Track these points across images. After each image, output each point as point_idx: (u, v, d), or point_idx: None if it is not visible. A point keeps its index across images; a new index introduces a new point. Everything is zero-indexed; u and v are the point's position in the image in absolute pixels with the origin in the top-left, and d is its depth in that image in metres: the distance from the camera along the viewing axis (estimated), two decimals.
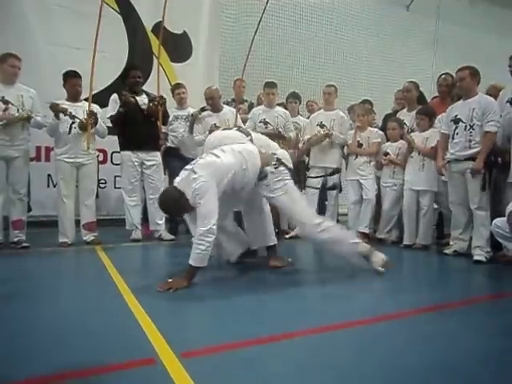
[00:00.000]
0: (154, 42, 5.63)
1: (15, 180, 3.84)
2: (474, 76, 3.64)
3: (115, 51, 5.26)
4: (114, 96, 4.28)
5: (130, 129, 4.21)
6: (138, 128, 4.20)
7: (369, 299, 2.50)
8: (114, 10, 5.45)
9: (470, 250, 3.68)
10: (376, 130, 4.69)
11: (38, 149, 5.02)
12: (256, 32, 4.38)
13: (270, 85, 4.75)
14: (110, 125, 4.36)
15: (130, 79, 4.29)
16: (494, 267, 3.47)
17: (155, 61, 5.49)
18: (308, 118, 5.18)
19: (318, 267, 3.73)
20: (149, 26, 5.65)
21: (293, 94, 5.36)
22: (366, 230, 4.41)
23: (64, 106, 3.91)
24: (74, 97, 4.06)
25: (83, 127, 3.96)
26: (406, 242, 4.23)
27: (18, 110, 3.79)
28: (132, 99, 4.21)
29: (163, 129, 4.73)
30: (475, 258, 3.55)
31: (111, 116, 4.23)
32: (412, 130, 4.40)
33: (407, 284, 2.86)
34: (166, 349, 1.68)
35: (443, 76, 4.60)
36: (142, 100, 4.29)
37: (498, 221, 3.09)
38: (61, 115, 3.88)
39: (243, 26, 6.28)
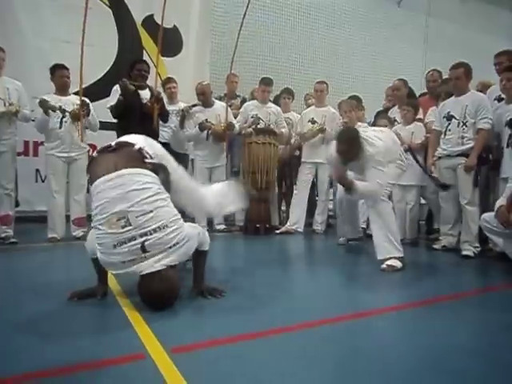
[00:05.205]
0: (144, 36, 5.60)
1: (2, 175, 3.78)
2: (468, 74, 3.65)
3: (105, 45, 5.20)
4: (116, 86, 4.14)
5: (129, 123, 4.11)
6: (137, 123, 4.08)
7: (358, 294, 2.51)
8: (104, 3, 5.39)
9: (459, 245, 3.73)
10: (366, 125, 4.69)
11: (26, 143, 4.96)
12: (241, 26, 4.36)
13: (267, 82, 4.73)
14: (103, 120, 4.29)
15: (135, 72, 4.16)
16: (481, 262, 3.51)
17: (145, 54, 5.45)
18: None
19: (307, 262, 3.75)
20: (139, 19, 5.60)
21: (286, 89, 5.34)
22: (364, 225, 4.41)
23: (53, 104, 3.84)
24: (62, 88, 3.99)
25: (75, 117, 3.90)
26: None
27: (4, 103, 3.73)
28: (132, 86, 4.06)
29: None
30: (464, 252, 3.59)
31: (111, 106, 4.09)
32: None
33: (396, 279, 2.88)
34: (155, 344, 1.66)
35: (430, 72, 4.66)
36: (146, 95, 4.14)
37: (487, 215, 3.13)
38: (50, 111, 3.83)
39: (234, 21, 6.22)
